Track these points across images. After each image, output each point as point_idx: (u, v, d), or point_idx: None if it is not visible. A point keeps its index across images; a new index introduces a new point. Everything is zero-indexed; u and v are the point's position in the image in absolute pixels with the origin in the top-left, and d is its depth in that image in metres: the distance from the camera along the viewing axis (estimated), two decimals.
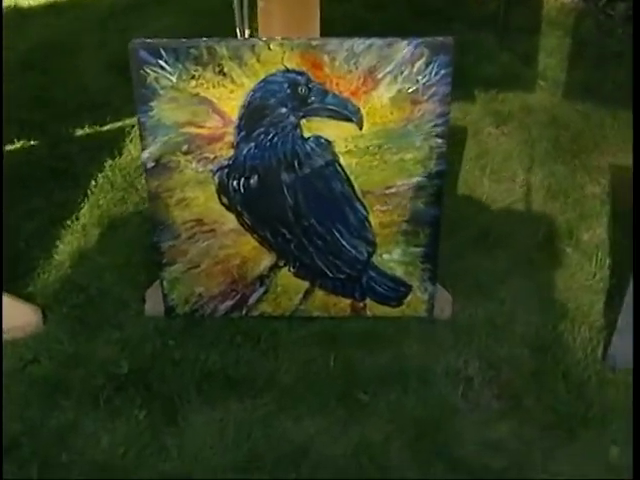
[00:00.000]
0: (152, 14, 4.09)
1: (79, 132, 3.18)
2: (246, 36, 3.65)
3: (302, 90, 1.98)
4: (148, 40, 1.97)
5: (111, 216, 2.73)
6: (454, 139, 2.04)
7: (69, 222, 2.70)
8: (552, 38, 3.71)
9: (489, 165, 2.92)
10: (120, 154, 3.02)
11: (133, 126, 3.16)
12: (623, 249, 2.49)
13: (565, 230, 2.62)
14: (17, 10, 4.20)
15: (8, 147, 3.07)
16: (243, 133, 2.05)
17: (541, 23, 3.83)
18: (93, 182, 2.88)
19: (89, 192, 2.83)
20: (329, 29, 2.38)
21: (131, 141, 3.10)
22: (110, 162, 2.97)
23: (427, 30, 3.74)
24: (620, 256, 2.48)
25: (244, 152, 2.08)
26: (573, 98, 3.28)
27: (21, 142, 3.12)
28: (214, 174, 2.11)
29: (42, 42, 3.81)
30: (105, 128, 3.20)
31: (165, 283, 2.30)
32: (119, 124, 3.21)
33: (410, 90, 1.97)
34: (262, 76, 1.96)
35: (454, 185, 2.78)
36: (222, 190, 2.14)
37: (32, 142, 3.12)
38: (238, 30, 3.64)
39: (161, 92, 1.99)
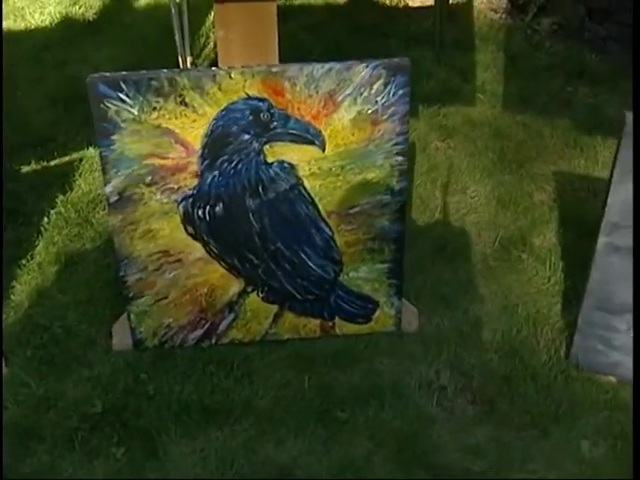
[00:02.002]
0: (89, 45, 4.04)
1: (25, 169, 3.11)
2: (188, 64, 3.66)
3: (264, 116, 2.00)
4: (106, 74, 1.96)
5: (67, 253, 2.67)
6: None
7: (24, 261, 2.63)
8: (486, 53, 3.85)
9: (439, 178, 3.00)
10: (71, 189, 2.96)
11: (81, 159, 3.12)
12: (573, 252, 2.60)
13: (518, 237, 2.72)
14: None
15: None
16: (207, 162, 2.06)
17: (474, 39, 3.97)
18: (46, 219, 2.81)
19: (42, 229, 2.77)
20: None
21: (80, 175, 3.05)
22: (62, 197, 2.92)
23: (365, 47, 3.87)
24: (571, 259, 2.59)
25: (208, 181, 2.08)
26: (512, 110, 3.41)
27: None
28: (179, 204, 2.11)
29: None
30: (52, 163, 3.13)
31: (132, 316, 2.27)
32: (67, 159, 3.15)
33: (370, 111, 2.02)
34: (224, 104, 1.98)
35: (408, 200, 2.84)
36: (187, 220, 2.14)
37: None
38: (180, 58, 3.65)
39: (122, 125, 1.98)
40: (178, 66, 3.65)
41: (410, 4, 4.36)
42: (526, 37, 4.03)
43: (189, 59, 3.66)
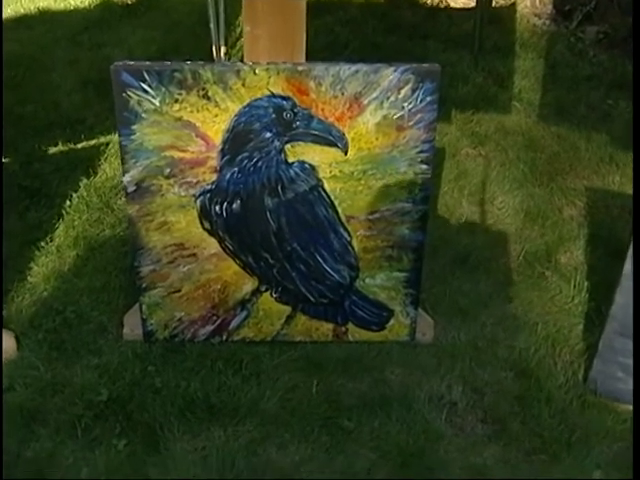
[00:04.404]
0: (126, 28, 4.05)
1: (52, 150, 3.12)
2: (222, 53, 3.64)
3: (287, 115, 1.96)
4: (131, 62, 1.93)
5: (87, 237, 2.67)
6: (433, 159, 2.06)
7: (43, 243, 2.64)
8: (526, 60, 3.76)
9: (467, 187, 2.93)
10: (95, 173, 2.96)
11: (108, 144, 3.12)
12: (601, 272, 2.52)
13: (544, 253, 2.64)
14: None
15: None
16: (227, 157, 2.03)
17: (515, 44, 3.88)
18: (68, 202, 2.82)
19: (64, 212, 2.77)
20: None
21: (106, 160, 3.05)
22: (85, 181, 2.92)
23: (402, 46, 3.81)
24: (598, 279, 2.51)
25: (227, 177, 2.05)
26: (548, 120, 3.32)
27: None
28: (196, 198, 2.08)
29: (12, 56, 3.73)
30: (79, 146, 3.14)
31: (144, 307, 2.25)
32: (93, 142, 3.16)
33: (396, 116, 1.97)
34: (247, 101, 1.94)
35: (433, 207, 2.79)
36: (204, 215, 2.11)
37: (4, 159, 3.04)
38: (214, 47, 3.63)
39: (144, 115, 1.96)
40: (212, 55, 3.63)
41: (452, 5, 4.28)
42: (569, 45, 3.92)
43: (223, 49, 3.64)
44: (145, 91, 1.93)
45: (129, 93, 1.93)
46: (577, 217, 2.82)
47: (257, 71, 1.90)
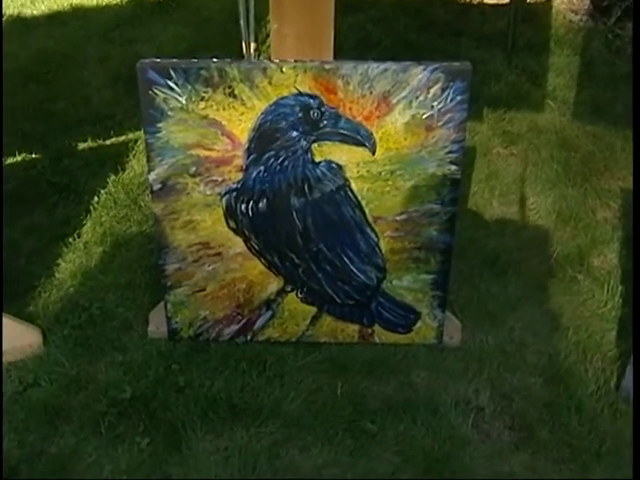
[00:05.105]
0: (157, 25, 4.05)
1: (82, 146, 3.14)
2: (252, 49, 3.62)
3: (314, 114, 1.93)
4: (157, 60, 1.92)
5: (114, 234, 2.67)
6: (463, 159, 2.01)
7: (71, 239, 2.65)
8: (561, 57, 3.67)
9: (498, 187, 2.88)
10: (123, 170, 2.97)
11: (136, 141, 3.12)
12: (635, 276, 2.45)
13: (576, 256, 2.58)
14: (20, 20, 4.15)
15: (9, 160, 3.03)
16: (253, 156, 2.00)
17: (549, 41, 3.80)
18: (96, 198, 2.83)
19: (91, 208, 2.78)
20: (335, 42, 2.34)
21: (134, 156, 3.06)
22: (113, 178, 2.92)
23: (434, 44, 3.75)
24: (632, 284, 2.44)
25: (253, 175, 2.03)
26: (583, 119, 3.24)
27: (22, 155, 3.07)
28: (222, 197, 2.07)
29: (45, 53, 3.76)
30: (108, 142, 3.15)
31: (169, 306, 2.25)
32: (122, 138, 3.16)
33: (425, 116, 1.93)
34: (273, 99, 1.92)
35: (463, 207, 2.74)
36: (230, 214, 2.09)
37: (33, 155, 3.07)
38: (244, 43, 3.62)
39: (170, 113, 1.95)
40: (242, 51, 3.62)
41: (485, 1, 4.21)
42: (606, 42, 3.83)
43: (253, 45, 3.62)
44: (171, 89, 1.91)
45: (155, 91, 1.92)
46: (611, 219, 2.75)
47: (284, 69, 1.88)
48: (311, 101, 1.92)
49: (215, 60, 1.91)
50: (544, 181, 2.91)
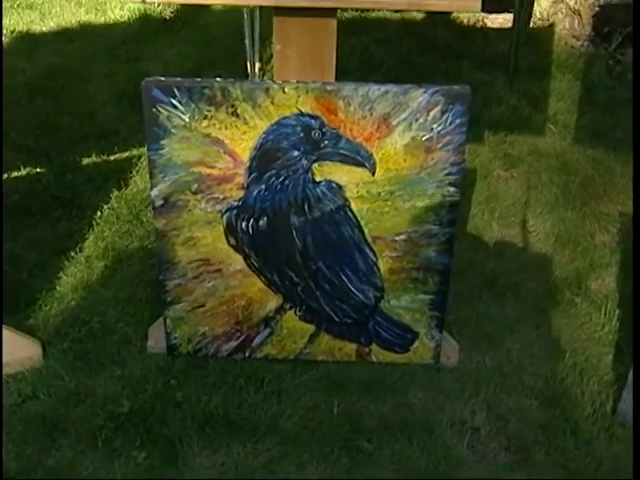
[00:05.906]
0: (163, 43, 4.10)
1: (86, 161, 3.16)
2: (256, 69, 3.66)
3: (315, 134, 1.96)
4: (161, 78, 1.95)
5: (115, 249, 2.70)
6: (463, 181, 2.03)
7: (73, 253, 2.67)
8: (562, 82, 3.71)
9: (498, 209, 2.90)
10: (126, 185, 3.00)
11: (140, 157, 3.15)
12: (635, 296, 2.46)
13: (574, 279, 2.59)
14: (29, 36, 4.20)
15: (14, 173, 3.06)
16: (254, 175, 2.03)
17: (551, 66, 3.84)
18: (99, 213, 2.85)
19: (94, 223, 2.80)
20: (338, 63, 2.38)
21: (137, 172, 3.09)
22: (116, 193, 2.95)
23: (436, 66, 3.79)
24: (630, 308, 2.45)
25: (254, 194, 2.06)
26: (583, 143, 3.27)
27: (27, 169, 3.09)
28: (223, 214, 2.09)
29: (52, 68, 3.81)
30: (112, 158, 3.18)
31: (169, 321, 2.26)
32: (126, 154, 3.19)
33: (424, 138, 1.96)
34: (275, 118, 1.95)
35: (462, 228, 2.76)
36: (230, 231, 2.11)
37: (38, 169, 3.10)
38: (248, 63, 3.66)
39: (173, 131, 1.98)
40: (246, 70, 3.66)
41: (489, 25, 4.26)
42: (607, 67, 3.86)
43: (257, 65, 3.66)
44: (175, 107, 1.94)
45: (159, 108, 1.95)
46: (609, 243, 2.77)
47: (286, 90, 1.91)
48: (312, 121, 1.95)
49: (218, 79, 1.94)
50: (544, 204, 2.93)
